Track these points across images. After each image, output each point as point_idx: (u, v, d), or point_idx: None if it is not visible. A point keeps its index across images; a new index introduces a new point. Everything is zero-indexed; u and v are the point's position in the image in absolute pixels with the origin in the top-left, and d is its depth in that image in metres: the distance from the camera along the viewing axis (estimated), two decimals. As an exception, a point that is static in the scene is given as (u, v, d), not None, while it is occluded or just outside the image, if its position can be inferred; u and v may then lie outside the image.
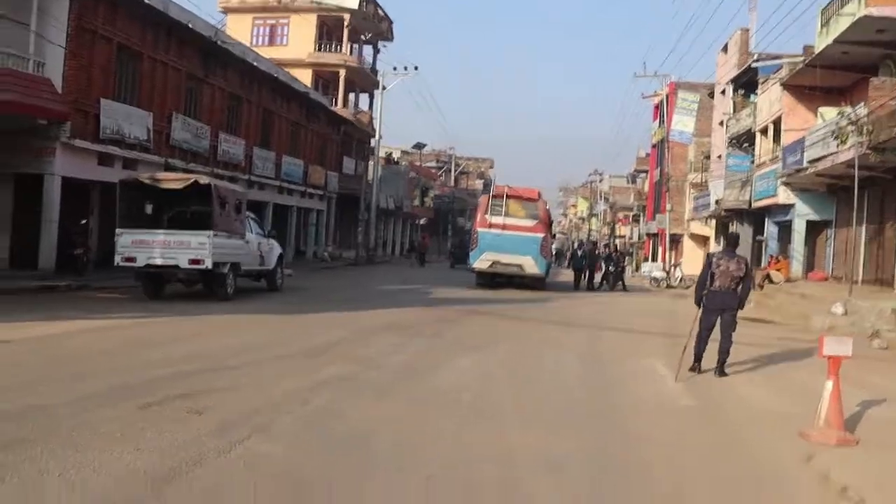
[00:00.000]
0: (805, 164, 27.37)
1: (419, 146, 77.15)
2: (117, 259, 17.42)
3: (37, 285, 18.21)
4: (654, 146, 62.68)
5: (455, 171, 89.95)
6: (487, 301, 21.98)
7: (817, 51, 26.02)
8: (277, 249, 21.90)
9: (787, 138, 30.57)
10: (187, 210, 18.66)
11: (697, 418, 8.10)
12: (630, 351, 13.24)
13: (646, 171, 70.21)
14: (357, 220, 47.27)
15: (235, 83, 31.73)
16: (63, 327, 12.08)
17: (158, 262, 17.29)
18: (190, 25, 26.81)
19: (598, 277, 33.93)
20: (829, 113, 25.99)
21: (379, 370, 9.71)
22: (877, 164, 22.35)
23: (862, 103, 22.61)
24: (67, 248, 21.43)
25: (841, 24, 23.27)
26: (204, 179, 18.01)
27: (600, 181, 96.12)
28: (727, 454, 6.61)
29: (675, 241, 55.65)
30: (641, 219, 69.54)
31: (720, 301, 10.78)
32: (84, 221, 22.18)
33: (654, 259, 57.01)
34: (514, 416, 7.69)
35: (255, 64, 32.95)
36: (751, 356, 12.22)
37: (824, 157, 25.06)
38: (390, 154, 72.35)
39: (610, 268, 34.30)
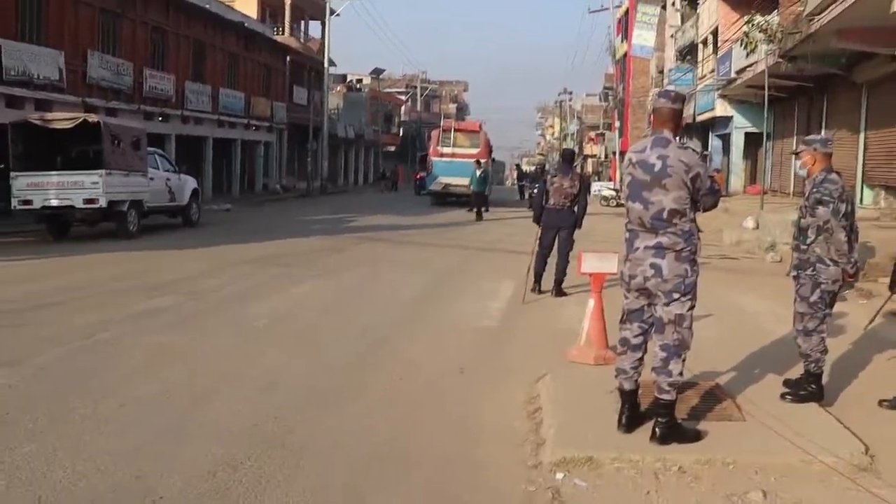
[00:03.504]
0: (733, 75, 27.23)
1: (377, 71, 76.12)
2: (14, 202, 17.49)
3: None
4: (616, 62, 62.04)
5: (422, 95, 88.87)
6: (403, 227, 21.99)
7: (743, -44, 25.65)
8: (191, 184, 21.83)
9: (723, 50, 30.27)
10: (88, 149, 18.44)
11: (479, 339, 8.11)
12: (495, 271, 13.29)
13: (612, 88, 69.66)
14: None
15: (159, 16, 30.99)
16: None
17: (54, 203, 17.33)
18: (101, -42, 26.17)
19: None
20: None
21: (200, 301, 9.81)
22: (794, 72, 22.19)
23: (775, 11, 22.38)
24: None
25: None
26: (93, 118, 17.87)
27: (570, 101, 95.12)
28: (461, 379, 6.59)
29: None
30: (607, 137, 69.23)
31: (556, 219, 10.78)
32: (1, 166, 21.94)
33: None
34: (283, 339, 7.82)
35: (179, -5, 32.25)
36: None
37: (747, 67, 24.90)
38: (357, 81, 71.49)
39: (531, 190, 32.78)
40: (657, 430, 4.85)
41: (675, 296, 4.79)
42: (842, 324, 8.42)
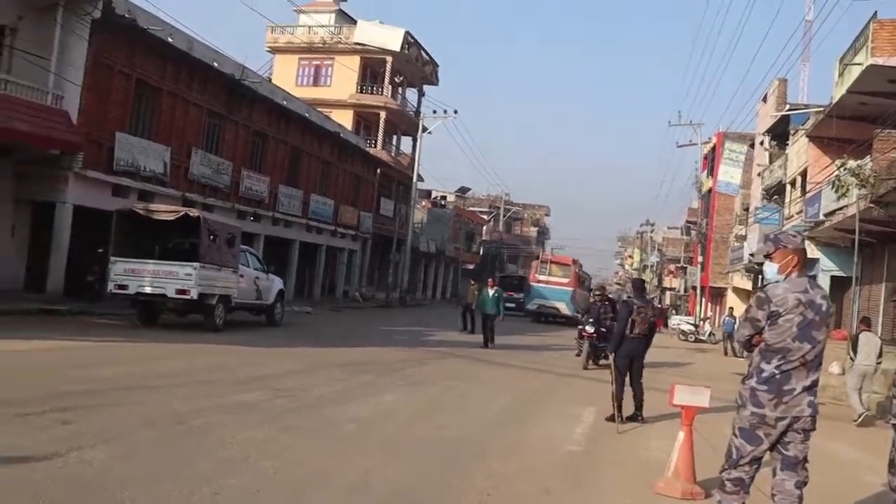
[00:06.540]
0: (822, 217, 27.00)
1: (462, 190, 77.54)
2: (110, 286, 18.02)
3: (36, 308, 18.69)
4: (701, 197, 62.11)
5: (504, 216, 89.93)
6: (482, 345, 21.91)
7: (834, 101, 25.73)
8: (278, 285, 22.28)
9: (812, 192, 30.09)
10: (185, 241, 19.10)
11: (564, 462, 8.00)
12: (577, 397, 13.16)
13: (696, 222, 69.54)
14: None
15: (261, 121, 32.43)
16: (28, 345, 12.56)
17: (148, 290, 17.81)
18: (215, 65, 27.60)
19: None
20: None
21: (288, 399, 9.85)
22: (885, 218, 21.89)
23: (868, 156, 22.28)
24: (84, 275, 22.14)
25: (853, 74, 22.97)
26: (194, 212, 18.52)
27: (652, 232, 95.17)
28: (548, 500, 6.55)
29: (720, 294, 54.96)
30: (688, 271, 68.78)
31: (634, 347, 10.85)
32: (101, 250, 22.83)
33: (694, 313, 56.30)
34: (372, 444, 7.81)
35: (283, 103, 33.64)
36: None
37: (837, 210, 24.68)
38: (442, 198, 72.86)
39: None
40: None
41: (811, 433, 4.96)
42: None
